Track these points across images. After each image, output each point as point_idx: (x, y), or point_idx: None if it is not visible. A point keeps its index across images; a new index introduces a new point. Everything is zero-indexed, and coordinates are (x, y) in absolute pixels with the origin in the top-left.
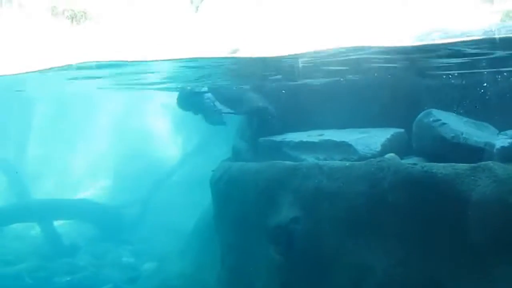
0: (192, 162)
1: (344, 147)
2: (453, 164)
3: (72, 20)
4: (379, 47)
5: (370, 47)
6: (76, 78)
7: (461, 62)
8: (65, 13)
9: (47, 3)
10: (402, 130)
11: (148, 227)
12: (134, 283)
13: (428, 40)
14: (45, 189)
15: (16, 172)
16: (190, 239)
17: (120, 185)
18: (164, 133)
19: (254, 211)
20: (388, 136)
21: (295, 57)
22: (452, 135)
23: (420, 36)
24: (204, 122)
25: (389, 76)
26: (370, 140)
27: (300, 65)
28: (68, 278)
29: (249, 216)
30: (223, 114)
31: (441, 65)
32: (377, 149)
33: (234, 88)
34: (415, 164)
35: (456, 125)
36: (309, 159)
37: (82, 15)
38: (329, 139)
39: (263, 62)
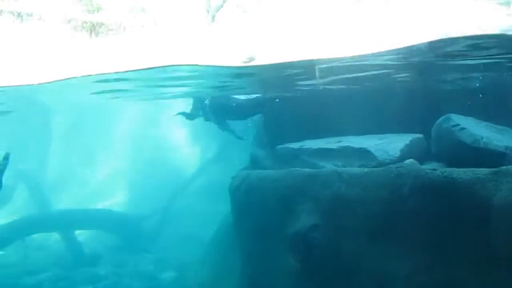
0: (211, 170)
1: (362, 154)
2: (474, 169)
3: (90, 32)
4: (395, 50)
5: (387, 51)
6: (95, 90)
7: (479, 64)
8: (84, 25)
9: (67, 16)
10: (420, 135)
11: (167, 236)
12: None
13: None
14: (65, 199)
15: (37, 183)
16: (209, 247)
17: (140, 195)
18: (182, 142)
19: (273, 219)
20: (407, 142)
21: (312, 63)
22: (472, 139)
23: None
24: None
25: (407, 81)
26: (389, 146)
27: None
28: (89, 287)
29: (268, 224)
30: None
31: (459, 66)
32: (396, 155)
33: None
34: (434, 169)
35: (476, 129)
36: (328, 166)
37: (100, 27)
38: (347, 146)
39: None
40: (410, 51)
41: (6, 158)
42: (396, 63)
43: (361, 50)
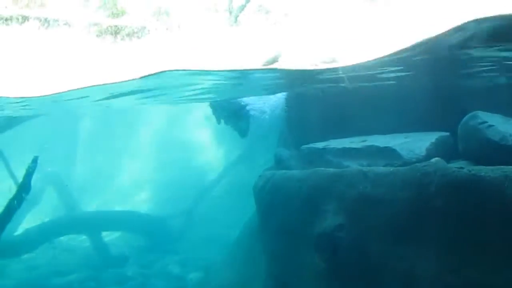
0: (236, 171)
1: (388, 153)
2: (502, 166)
3: (115, 36)
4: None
5: (412, 46)
6: (120, 94)
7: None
8: (109, 29)
9: (91, 21)
10: (447, 133)
11: (193, 237)
12: None
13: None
14: (92, 202)
15: (66, 185)
16: (235, 248)
17: (165, 196)
18: (207, 144)
19: (298, 219)
20: (433, 140)
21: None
22: (500, 136)
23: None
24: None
25: (432, 77)
26: (415, 144)
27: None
28: None
29: (293, 224)
30: None
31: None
32: (422, 154)
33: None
34: (461, 167)
35: (504, 126)
36: (353, 165)
37: (124, 31)
38: (372, 145)
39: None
40: (435, 43)
41: (34, 161)
42: (420, 57)
43: (384, 50)
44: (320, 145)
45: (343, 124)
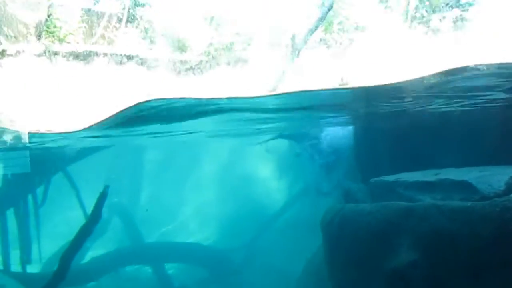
0: (298, 206)
1: (463, 186)
2: None
3: (178, 73)
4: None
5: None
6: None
7: None
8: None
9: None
10: None
11: (255, 271)
12: None
13: None
14: (155, 233)
15: (130, 216)
16: (298, 283)
17: (227, 230)
18: (269, 177)
19: (369, 254)
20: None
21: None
22: None
23: None
24: (309, 164)
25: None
26: (492, 178)
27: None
28: None
29: (363, 259)
30: None
31: None
32: (500, 188)
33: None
34: None
35: None
36: (426, 199)
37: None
38: (446, 178)
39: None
40: None
41: (105, 190)
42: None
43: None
44: (390, 178)
45: (413, 158)
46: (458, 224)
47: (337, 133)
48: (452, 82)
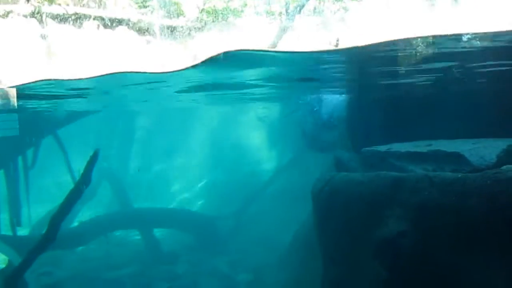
0: (288, 174)
1: (455, 158)
2: None
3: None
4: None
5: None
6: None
7: None
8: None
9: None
10: None
11: (244, 239)
12: None
13: None
14: (144, 198)
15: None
16: (287, 252)
17: (216, 197)
18: (260, 146)
19: (358, 223)
20: (504, 147)
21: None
22: None
23: None
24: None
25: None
26: (484, 150)
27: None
28: (167, 285)
29: (353, 228)
30: None
31: None
32: (492, 161)
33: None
34: None
35: None
36: (417, 170)
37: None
38: (438, 150)
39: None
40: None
41: (96, 154)
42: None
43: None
44: (382, 148)
45: (406, 128)
46: (449, 196)
47: (329, 101)
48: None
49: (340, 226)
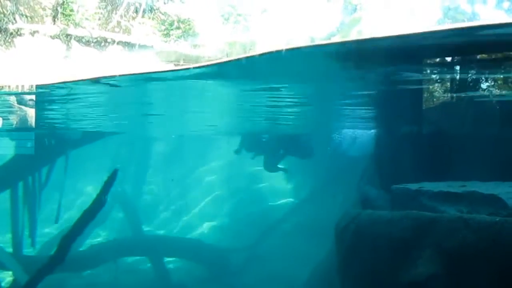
0: (306, 210)
1: (492, 201)
2: None
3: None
4: None
5: None
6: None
7: None
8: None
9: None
10: None
11: (255, 273)
12: None
13: None
14: (157, 226)
15: (133, 206)
16: None
17: (231, 229)
18: (278, 179)
19: (385, 265)
20: None
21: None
22: None
23: None
24: (318, 168)
25: None
26: None
27: None
28: None
29: (379, 269)
30: None
31: None
32: None
33: None
34: None
35: None
36: (450, 211)
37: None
38: (474, 191)
39: None
40: None
41: (114, 174)
42: None
43: None
44: (413, 186)
45: (438, 167)
46: (485, 240)
47: (357, 136)
48: None
49: (366, 266)
